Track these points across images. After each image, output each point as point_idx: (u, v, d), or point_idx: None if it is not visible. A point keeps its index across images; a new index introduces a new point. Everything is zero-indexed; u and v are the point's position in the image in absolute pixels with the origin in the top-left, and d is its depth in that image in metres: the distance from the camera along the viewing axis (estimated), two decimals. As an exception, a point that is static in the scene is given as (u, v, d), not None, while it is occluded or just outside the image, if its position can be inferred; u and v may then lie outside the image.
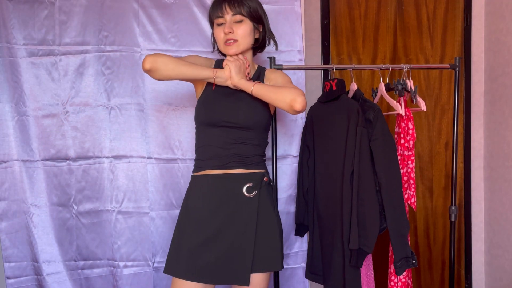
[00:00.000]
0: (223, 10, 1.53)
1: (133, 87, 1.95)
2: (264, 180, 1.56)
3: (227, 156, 1.53)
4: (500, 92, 2.41)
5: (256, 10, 1.58)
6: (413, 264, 1.65)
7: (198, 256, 1.50)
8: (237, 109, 1.53)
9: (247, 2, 1.55)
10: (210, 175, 1.55)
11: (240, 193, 1.52)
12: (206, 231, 1.51)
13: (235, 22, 1.54)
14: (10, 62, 1.88)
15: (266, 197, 1.57)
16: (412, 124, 1.77)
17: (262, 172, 1.58)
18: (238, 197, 1.53)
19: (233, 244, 1.51)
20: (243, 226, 1.51)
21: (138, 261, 1.99)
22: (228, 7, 1.53)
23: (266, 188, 1.57)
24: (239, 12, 1.54)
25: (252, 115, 1.54)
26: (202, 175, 1.56)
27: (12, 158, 1.91)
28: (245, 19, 1.55)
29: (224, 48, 1.56)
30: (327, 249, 1.75)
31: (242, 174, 1.54)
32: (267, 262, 1.53)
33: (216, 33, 1.58)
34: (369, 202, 1.60)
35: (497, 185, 2.47)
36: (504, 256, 2.42)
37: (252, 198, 1.53)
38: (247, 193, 1.52)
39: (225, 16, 1.54)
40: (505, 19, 2.35)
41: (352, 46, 2.57)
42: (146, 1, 1.93)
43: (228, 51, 1.55)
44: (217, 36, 1.58)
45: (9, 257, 1.94)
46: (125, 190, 1.97)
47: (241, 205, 1.52)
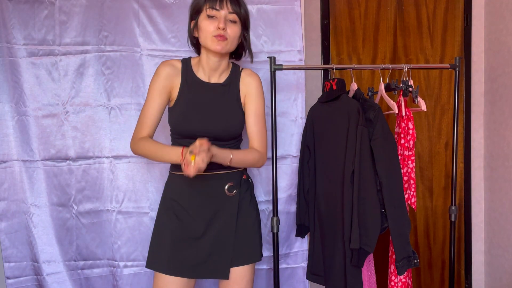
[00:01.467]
0: (222, 4, 1.48)
1: (133, 87, 1.95)
2: (243, 178, 1.62)
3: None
4: (500, 92, 2.41)
5: (248, 15, 1.58)
6: (415, 264, 1.65)
7: (180, 252, 1.55)
8: (215, 122, 1.54)
9: (244, 6, 1.55)
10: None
11: (222, 192, 1.58)
12: (190, 229, 1.56)
13: (229, 21, 1.51)
14: (10, 62, 1.88)
15: (245, 193, 1.63)
16: (412, 124, 1.77)
17: (241, 170, 1.63)
18: (220, 196, 1.58)
19: (214, 240, 1.56)
20: (224, 223, 1.57)
21: (138, 261, 1.99)
22: (228, 3, 1.49)
23: (245, 185, 1.63)
24: (236, 12, 1.51)
25: (229, 127, 1.57)
26: (181, 174, 1.53)
27: (12, 158, 1.91)
28: (238, 22, 1.53)
29: (212, 42, 1.50)
30: (328, 249, 1.75)
31: (223, 174, 1.57)
32: (247, 255, 1.60)
33: (205, 24, 1.50)
34: (370, 201, 1.60)
35: (497, 185, 2.47)
36: (504, 256, 2.42)
37: (233, 196, 1.59)
38: (228, 192, 1.58)
39: (222, 11, 1.49)
40: (505, 19, 2.35)
41: (352, 46, 2.57)
42: (146, 1, 1.93)
43: (216, 47, 1.50)
44: (205, 28, 1.50)
45: (8, 257, 1.93)
46: (125, 190, 1.97)
47: (222, 203, 1.58)
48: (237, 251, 1.57)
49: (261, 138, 1.61)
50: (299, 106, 2.03)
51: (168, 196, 1.63)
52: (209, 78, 1.61)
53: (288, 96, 2.02)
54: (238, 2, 1.52)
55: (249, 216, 1.63)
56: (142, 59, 1.94)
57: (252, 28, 1.96)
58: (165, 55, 1.94)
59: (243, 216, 1.61)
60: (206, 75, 1.61)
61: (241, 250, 1.58)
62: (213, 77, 1.62)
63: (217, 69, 1.60)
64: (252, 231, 1.62)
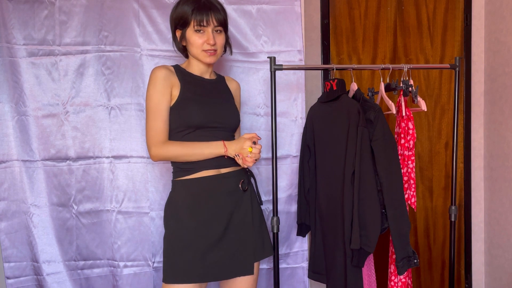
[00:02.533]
0: (209, 20, 1.53)
1: (133, 87, 1.95)
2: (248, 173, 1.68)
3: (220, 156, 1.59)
4: (500, 92, 2.41)
5: (226, 17, 1.62)
6: (415, 263, 1.65)
7: (206, 257, 1.54)
8: (227, 112, 1.64)
9: (223, 11, 1.59)
10: (205, 177, 1.56)
11: (237, 189, 1.62)
12: (213, 232, 1.55)
13: (216, 32, 1.58)
14: (10, 62, 1.88)
15: (252, 188, 1.69)
16: (412, 124, 1.77)
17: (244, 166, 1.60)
18: (236, 194, 1.61)
19: (236, 238, 1.59)
20: (242, 220, 1.61)
21: (138, 261, 1.99)
22: (213, 17, 1.54)
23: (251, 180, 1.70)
24: (221, 24, 1.57)
25: (237, 117, 1.69)
26: (195, 178, 1.56)
27: (12, 158, 1.91)
28: (223, 30, 1.60)
29: (203, 56, 1.58)
30: (329, 249, 1.75)
31: (233, 172, 1.62)
32: (264, 248, 1.67)
33: (194, 39, 1.55)
34: (370, 202, 1.60)
35: (497, 185, 2.47)
36: (504, 256, 2.42)
37: (246, 192, 1.64)
38: (242, 189, 1.63)
39: (209, 27, 1.55)
40: (505, 19, 2.35)
41: (352, 46, 2.57)
42: (146, 1, 1.93)
43: (207, 60, 1.59)
44: (195, 42, 1.56)
45: (8, 257, 1.93)
46: (125, 190, 1.97)
47: (239, 200, 1.62)
48: (258, 245, 1.64)
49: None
50: (299, 106, 2.03)
51: (178, 205, 1.58)
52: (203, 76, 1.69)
53: (288, 96, 2.02)
54: (219, 9, 1.57)
55: (259, 210, 1.70)
56: (142, 59, 1.94)
57: (252, 28, 1.97)
58: (165, 55, 1.94)
59: (255, 210, 1.67)
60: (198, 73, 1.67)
61: (260, 244, 1.65)
62: (205, 76, 1.69)
63: (207, 71, 1.68)
64: (264, 225, 1.70)
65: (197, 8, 1.53)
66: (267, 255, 1.69)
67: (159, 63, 1.95)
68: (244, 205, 1.63)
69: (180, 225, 1.55)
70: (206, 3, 1.55)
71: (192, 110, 1.55)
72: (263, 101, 2.02)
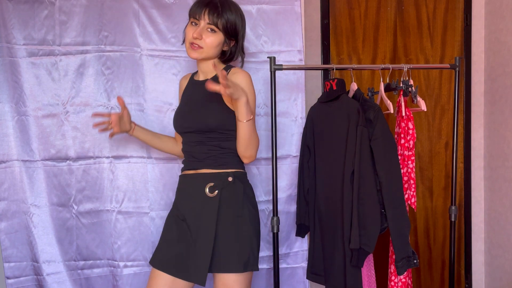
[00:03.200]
0: (201, 15, 1.54)
1: (133, 87, 1.95)
2: (228, 179, 1.55)
3: (192, 157, 1.62)
4: (500, 92, 2.41)
5: (233, 25, 1.57)
6: (415, 263, 1.65)
7: (168, 249, 1.58)
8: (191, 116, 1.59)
9: (227, 15, 1.55)
10: (185, 175, 1.66)
11: (202, 192, 1.55)
12: (177, 227, 1.60)
13: (207, 30, 1.55)
14: (10, 62, 1.88)
15: (230, 197, 1.55)
16: (412, 124, 1.77)
17: (227, 172, 1.57)
18: (201, 197, 1.55)
19: (195, 243, 1.54)
20: (204, 225, 1.53)
21: (138, 261, 1.99)
22: (206, 14, 1.53)
23: (232, 188, 1.55)
24: (214, 23, 1.54)
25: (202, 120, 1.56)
26: (182, 175, 1.68)
27: (12, 158, 1.91)
28: (218, 31, 1.56)
29: (188, 49, 1.58)
30: (328, 249, 1.75)
31: (207, 174, 1.57)
32: (225, 263, 1.50)
33: (188, 30, 1.58)
34: (369, 201, 1.60)
35: (497, 185, 2.47)
36: (504, 256, 2.42)
37: (213, 197, 1.54)
38: (209, 193, 1.54)
39: (201, 21, 1.54)
40: (505, 19, 2.35)
41: (352, 46, 2.57)
42: (146, 1, 1.93)
43: (190, 54, 1.58)
44: (187, 34, 1.59)
45: (8, 257, 1.93)
46: (125, 190, 1.97)
47: (203, 204, 1.55)
48: (216, 257, 1.51)
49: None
50: (299, 106, 2.03)
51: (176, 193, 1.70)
52: (200, 78, 1.69)
53: (288, 96, 2.02)
54: (218, 11, 1.53)
55: (231, 222, 1.53)
56: (142, 59, 1.94)
57: (252, 28, 1.97)
58: (165, 55, 1.94)
59: (224, 220, 1.53)
60: (199, 76, 1.70)
61: (220, 257, 1.51)
62: (202, 77, 1.69)
63: (206, 70, 1.66)
64: (232, 239, 1.52)
65: (198, 2, 1.57)
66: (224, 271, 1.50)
67: (159, 63, 1.95)
68: (209, 210, 1.52)
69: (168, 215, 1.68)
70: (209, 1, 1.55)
71: (174, 118, 1.68)
72: (263, 101, 2.02)
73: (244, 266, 1.51)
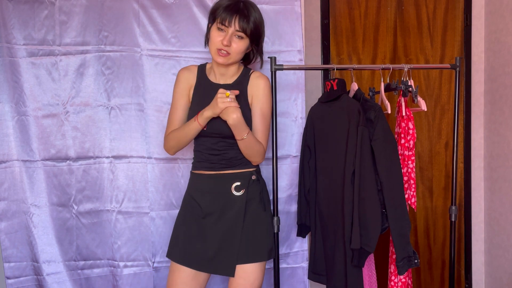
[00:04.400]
0: (231, 22, 1.54)
1: (133, 87, 1.95)
2: (252, 178, 1.66)
3: (215, 160, 1.65)
4: (500, 92, 2.41)
5: (258, 28, 1.60)
6: (415, 263, 1.65)
7: (192, 244, 1.64)
8: (219, 121, 1.58)
9: (254, 19, 1.58)
10: (204, 174, 1.68)
11: (229, 191, 1.64)
12: (200, 224, 1.65)
13: (235, 36, 1.56)
14: (10, 62, 1.88)
15: (254, 193, 1.67)
16: (412, 124, 1.77)
17: (250, 171, 1.67)
18: (227, 195, 1.64)
19: (222, 238, 1.63)
20: (231, 222, 1.63)
21: (138, 261, 1.99)
22: (237, 21, 1.54)
23: (254, 186, 1.66)
24: (243, 30, 1.55)
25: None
26: (198, 173, 1.70)
27: (12, 158, 1.91)
28: (245, 37, 1.58)
29: (215, 54, 1.58)
30: (329, 249, 1.75)
31: (230, 174, 1.65)
32: (252, 254, 1.62)
33: (214, 35, 1.57)
34: (370, 201, 1.60)
35: (497, 185, 2.47)
36: (504, 256, 2.42)
37: (240, 195, 1.64)
38: (235, 192, 1.63)
39: (230, 28, 1.55)
40: (505, 19, 2.35)
41: (352, 46, 2.57)
42: (146, 1, 1.93)
43: (217, 60, 1.59)
44: (213, 39, 1.58)
45: (9, 257, 1.93)
46: (125, 190, 1.97)
47: (230, 202, 1.64)
48: (242, 249, 1.61)
49: (265, 136, 1.67)
50: (299, 106, 2.03)
51: (188, 192, 1.72)
52: (219, 80, 1.69)
53: (288, 96, 2.02)
54: (247, 17, 1.55)
55: (257, 216, 1.66)
56: (142, 59, 1.94)
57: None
58: (165, 55, 1.94)
59: (251, 215, 1.64)
60: (216, 78, 1.70)
61: (247, 249, 1.62)
62: (222, 80, 1.69)
63: (225, 73, 1.68)
64: (259, 231, 1.66)
65: (227, 6, 1.56)
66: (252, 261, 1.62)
67: (159, 63, 1.95)
68: (237, 208, 1.63)
69: (181, 208, 1.73)
70: (238, 5, 1.56)
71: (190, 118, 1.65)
72: (263, 101, 2.01)
73: (268, 254, 1.68)
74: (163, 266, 2.01)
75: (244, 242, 1.62)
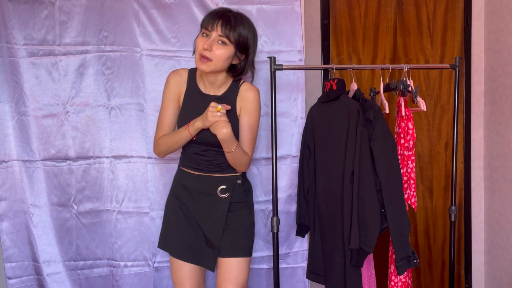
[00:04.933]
0: (214, 26, 1.54)
1: (133, 87, 1.95)
2: (238, 182, 1.71)
3: (204, 164, 1.69)
4: (500, 92, 2.41)
5: (245, 39, 1.58)
6: (415, 263, 1.65)
7: (181, 237, 1.70)
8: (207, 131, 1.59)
9: (240, 29, 1.56)
10: (192, 174, 1.72)
11: (214, 193, 1.69)
12: (187, 216, 1.71)
13: (218, 42, 1.55)
14: (10, 62, 1.88)
15: (238, 197, 1.72)
16: (412, 124, 1.77)
17: (236, 175, 1.72)
18: (212, 197, 1.69)
19: (205, 235, 1.69)
20: (214, 222, 1.69)
21: (138, 261, 1.99)
22: (219, 25, 1.54)
23: (239, 190, 1.72)
24: (226, 36, 1.54)
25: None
26: (186, 171, 1.74)
27: (12, 158, 1.91)
28: (229, 44, 1.56)
29: (197, 62, 1.57)
30: (328, 249, 1.75)
31: (217, 177, 1.70)
32: (234, 250, 1.68)
33: (198, 41, 1.57)
34: (369, 202, 1.60)
35: (497, 185, 2.47)
36: (504, 256, 2.42)
37: (225, 198, 1.69)
38: (220, 194, 1.68)
39: (213, 32, 1.55)
40: (505, 19, 2.35)
41: (352, 46, 2.57)
42: (146, 1, 1.93)
43: (199, 66, 1.57)
44: (197, 44, 1.58)
45: (10, 257, 1.93)
46: (125, 190, 1.97)
47: (215, 203, 1.69)
48: (225, 245, 1.68)
49: (252, 147, 1.70)
50: (299, 106, 2.03)
51: (175, 183, 1.77)
52: (208, 90, 1.69)
53: (288, 96, 2.02)
54: (232, 25, 1.54)
55: (240, 217, 1.72)
56: (142, 59, 1.94)
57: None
58: (165, 55, 1.94)
59: (234, 216, 1.70)
60: (205, 87, 1.70)
61: (229, 245, 1.68)
62: (212, 90, 1.69)
63: (214, 82, 1.67)
64: (241, 230, 1.71)
65: (212, 12, 1.60)
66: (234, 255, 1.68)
67: (159, 63, 1.95)
68: (220, 209, 1.68)
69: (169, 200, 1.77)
70: (224, 12, 1.58)
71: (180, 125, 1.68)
72: (263, 101, 2.01)
73: (249, 252, 1.73)
74: (163, 266, 2.01)
75: (228, 239, 1.67)
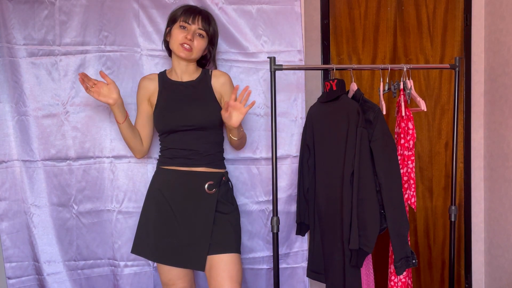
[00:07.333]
0: (195, 20, 1.70)
1: (133, 87, 1.95)
2: (223, 179, 1.76)
3: (190, 155, 1.71)
4: (500, 92, 2.41)
5: (216, 34, 1.81)
6: (413, 264, 1.65)
7: (161, 240, 1.70)
8: (192, 112, 1.71)
9: (213, 25, 1.78)
10: (177, 170, 1.73)
11: (202, 189, 1.70)
12: (170, 218, 1.70)
13: (197, 34, 1.72)
14: (10, 62, 1.88)
15: (224, 193, 1.76)
16: (412, 124, 1.77)
17: (221, 172, 1.78)
18: (200, 193, 1.71)
19: (192, 232, 1.69)
20: (202, 218, 1.69)
21: (138, 260, 1.99)
22: (199, 20, 1.71)
23: (224, 187, 1.77)
24: (205, 29, 1.73)
25: (211, 115, 1.73)
26: (169, 169, 1.75)
27: (12, 158, 1.91)
28: (206, 37, 1.75)
29: (178, 49, 1.71)
30: (327, 248, 1.76)
31: (205, 173, 1.73)
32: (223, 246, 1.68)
33: (177, 33, 1.71)
34: (369, 202, 1.60)
35: (497, 185, 2.47)
36: (504, 256, 2.43)
37: (212, 194, 1.71)
38: (208, 190, 1.71)
39: (193, 25, 1.71)
40: (505, 19, 2.35)
41: (352, 46, 2.57)
42: (146, 1, 1.93)
43: (180, 54, 1.71)
44: (176, 36, 1.71)
45: (10, 257, 1.94)
46: (126, 190, 1.97)
47: (202, 200, 1.71)
48: (214, 242, 1.67)
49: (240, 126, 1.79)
50: (299, 106, 2.03)
51: (154, 186, 1.77)
52: (182, 78, 1.78)
53: (288, 96, 2.02)
54: (208, 20, 1.75)
55: (227, 213, 1.74)
56: (142, 59, 1.94)
57: (252, 28, 1.97)
58: (165, 55, 1.94)
59: (221, 212, 1.72)
60: (179, 76, 1.80)
61: (218, 242, 1.68)
62: (186, 76, 1.80)
63: (187, 71, 1.79)
64: (229, 226, 1.73)
65: (187, 9, 1.74)
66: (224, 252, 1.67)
67: (159, 63, 1.95)
68: (208, 205, 1.70)
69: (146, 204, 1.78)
70: (199, 9, 1.76)
71: (161, 117, 1.74)
72: (263, 101, 2.02)
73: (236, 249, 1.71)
74: (163, 266, 2.01)
75: (216, 236, 1.68)
